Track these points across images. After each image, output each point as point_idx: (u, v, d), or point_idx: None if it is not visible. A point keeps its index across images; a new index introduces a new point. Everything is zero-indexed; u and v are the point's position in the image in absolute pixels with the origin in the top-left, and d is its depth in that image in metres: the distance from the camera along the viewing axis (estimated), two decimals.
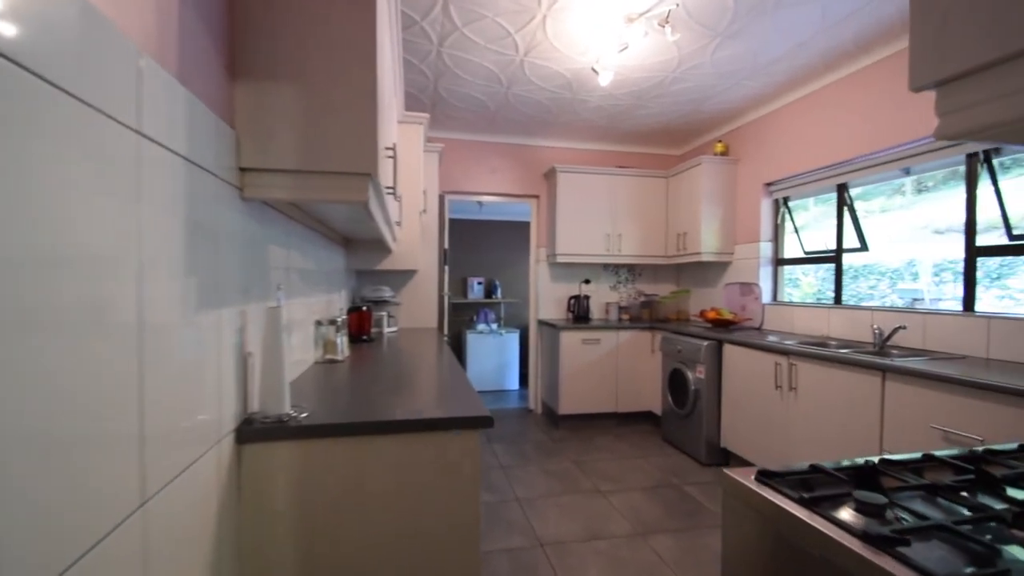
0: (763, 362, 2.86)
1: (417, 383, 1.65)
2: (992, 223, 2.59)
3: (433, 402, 1.41)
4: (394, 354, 2.35)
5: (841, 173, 3.13)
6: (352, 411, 1.26)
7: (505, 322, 7.09)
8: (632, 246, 4.40)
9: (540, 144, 4.56)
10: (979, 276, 2.80)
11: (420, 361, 2.14)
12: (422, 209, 3.29)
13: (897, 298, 2.99)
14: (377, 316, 3.25)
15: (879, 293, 3.11)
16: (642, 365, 4.15)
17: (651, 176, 4.43)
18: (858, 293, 3.35)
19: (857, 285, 3.39)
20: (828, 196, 3.32)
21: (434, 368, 1.97)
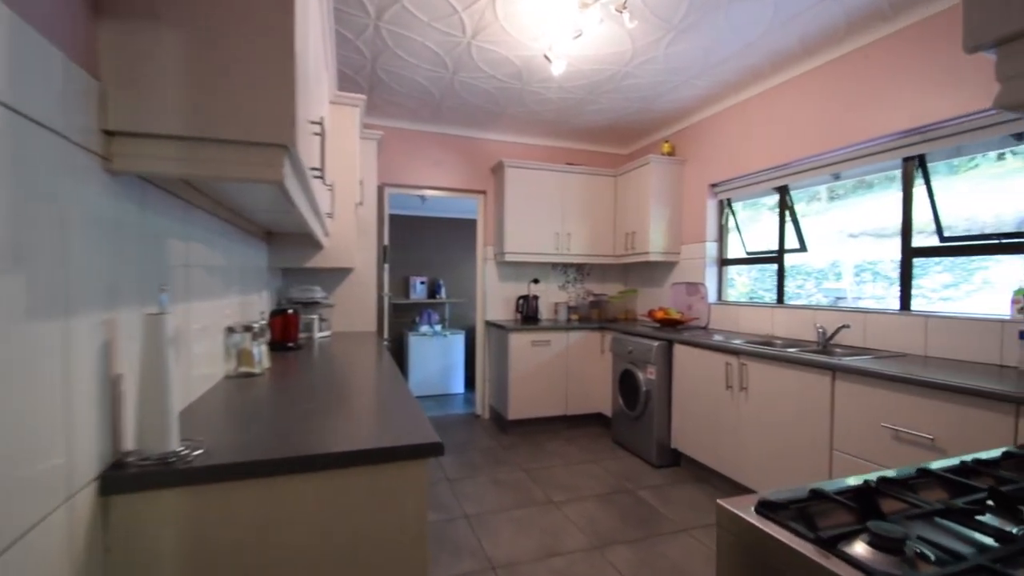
0: (714, 362, 2.83)
1: (349, 400, 1.41)
2: (920, 226, 2.72)
3: (369, 426, 1.18)
4: (324, 363, 2.08)
5: (783, 175, 3.18)
6: (264, 442, 1.01)
7: (450, 323, 6.84)
8: (581, 245, 4.31)
9: (487, 137, 4.37)
10: (894, 276, 2.98)
11: (354, 371, 1.89)
12: (358, 201, 3.00)
13: (822, 297, 3.15)
14: (306, 319, 2.93)
15: (806, 292, 3.24)
16: (592, 366, 4.07)
17: (600, 175, 4.36)
18: (786, 292, 3.46)
19: (786, 285, 3.50)
20: (771, 197, 3.37)
21: (371, 380, 1.73)
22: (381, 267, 3.50)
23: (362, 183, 3.15)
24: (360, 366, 2.01)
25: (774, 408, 2.43)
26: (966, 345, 2.14)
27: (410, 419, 1.20)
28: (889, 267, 2.98)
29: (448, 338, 6.20)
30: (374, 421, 1.22)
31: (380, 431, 1.13)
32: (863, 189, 3.00)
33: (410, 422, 1.18)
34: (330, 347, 2.63)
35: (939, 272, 2.57)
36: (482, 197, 4.46)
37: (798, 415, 2.30)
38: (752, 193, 3.48)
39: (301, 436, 1.06)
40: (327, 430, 1.11)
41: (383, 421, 1.22)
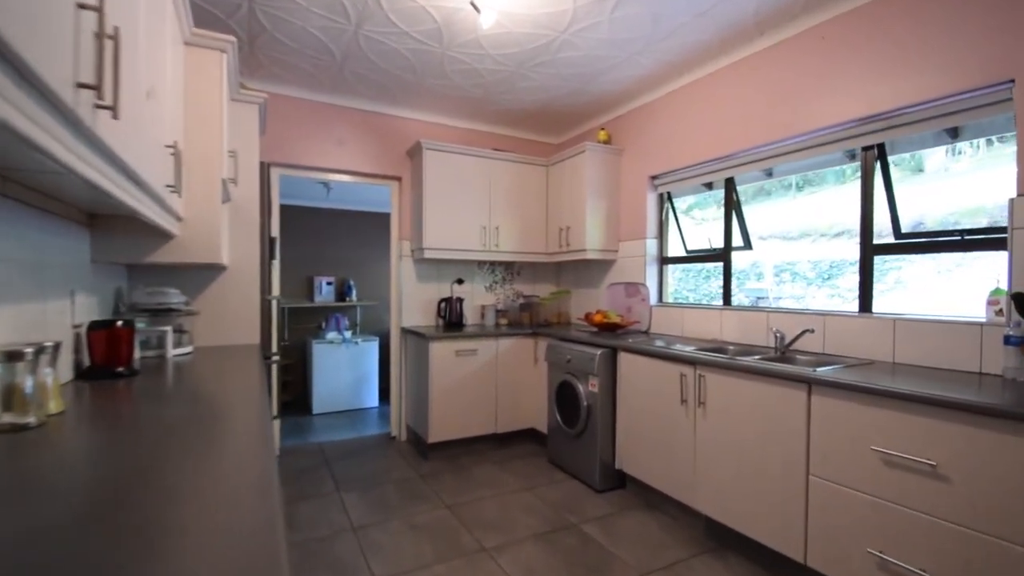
0: (666, 372, 2.49)
1: (175, 491, 0.81)
2: (844, 226, 2.64)
3: (196, 554, 0.60)
4: (160, 402, 1.41)
5: (727, 167, 2.94)
6: None
7: (362, 328, 6.10)
8: (511, 241, 3.86)
9: (402, 115, 3.77)
10: (811, 276, 2.93)
11: (206, 418, 1.26)
12: (228, 177, 2.30)
13: (744, 296, 3.06)
14: (153, 333, 2.19)
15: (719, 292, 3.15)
16: (525, 377, 3.63)
17: (531, 163, 3.94)
18: (709, 292, 3.31)
19: (708, 285, 3.34)
20: (713, 192, 3.14)
21: (227, 436, 1.12)
22: (267, 264, 2.80)
23: (234, 155, 2.44)
24: (218, 406, 1.38)
25: (738, 426, 2.12)
26: (939, 350, 1.96)
27: (250, 536, 0.64)
28: (806, 267, 2.92)
29: (360, 346, 5.49)
30: (208, 541, 0.64)
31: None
32: (784, 189, 2.95)
33: (246, 547, 0.62)
34: (186, 370, 1.94)
35: (854, 272, 2.50)
36: (396, 184, 3.85)
37: (767, 435, 2.01)
38: (695, 187, 3.23)
39: None
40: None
41: (222, 542, 0.64)
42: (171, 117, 1.67)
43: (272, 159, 3.35)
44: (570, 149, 3.69)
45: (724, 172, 2.97)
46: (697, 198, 3.37)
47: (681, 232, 3.41)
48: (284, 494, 2.83)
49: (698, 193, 3.33)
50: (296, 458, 3.42)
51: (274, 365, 2.87)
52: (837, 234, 2.73)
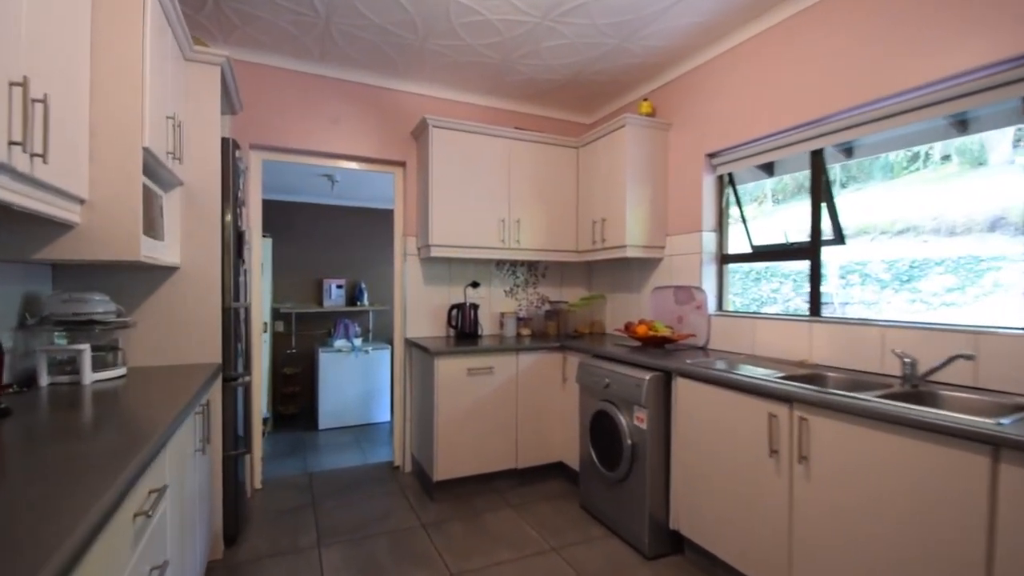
0: (746, 410, 1.83)
1: None
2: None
3: None
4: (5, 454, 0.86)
5: (818, 135, 2.25)
6: None
7: (375, 335, 5.61)
8: (534, 237, 3.24)
9: (406, 89, 3.21)
10: (886, 278, 2.22)
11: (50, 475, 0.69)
12: (169, 151, 1.77)
13: (803, 302, 2.43)
14: (62, 352, 1.67)
15: (783, 297, 2.56)
16: (551, 401, 3.00)
17: (559, 144, 3.32)
18: (760, 297, 2.64)
19: (759, 288, 2.67)
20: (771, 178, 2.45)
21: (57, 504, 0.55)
22: (230, 266, 2.27)
23: (176, 124, 1.90)
24: (83, 455, 0.82)
25: (865, 499, 1.45)
26: None
27: None
28: (880, 268, 2.21)
29: (370, 355, 5.01)
30: None
31: None
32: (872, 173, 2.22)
33: None
34: (97, 402, 1.41)
35: (940, 273, 1.96)
36: (400, 171, 3.29)
37: (914, 516, 1.33)
38: (752, 171, 2.54)
39: None
40: None
41: None
42: (32, 40, 1.13)
43: (252, 140, 2.84)
44: (606, 124, 3.05)
45: (806, 144, 2.29)
46: (757, 185, 2.67)
47: (746, 223, 2.72)
48: (250, 548, 2.29)
49: (757, 180, 2.64)
50: (279, 494, 2.89)
51: (239, 388, 2.33)
52: (934, 230, 2.02)
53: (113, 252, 1.54)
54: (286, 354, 5.19)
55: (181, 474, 1.48)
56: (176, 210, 2.11)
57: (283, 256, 5.18)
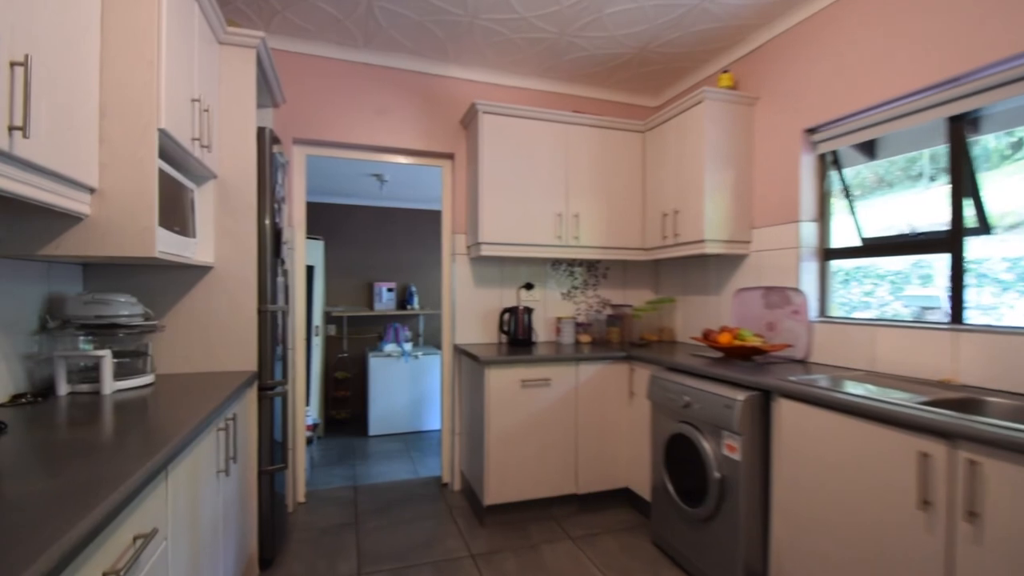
0: (882, 444, 1.41)
1: None
2: None
3: None
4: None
5: (958, 97, 1.78)
6: None
7: (426, 339, 5.46)
8: (595, 233, 2.91)
9: (454, 75, 2.97)
10: (1009, 279, 1.69)
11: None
12: (195, 137, 1.60)
13: (902, 306, 2.09)
14: (88, 359, 1.53)
15: (878, 301, 2.19)
16: (615, 418, 2.65)
17: (622, 128, 2.97)
18: (848, 300, 2.16)
19: (848, 291, 2.20)
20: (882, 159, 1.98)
21: None
22: (267, 266, 2.10)
23: (207, 111, 1.74)
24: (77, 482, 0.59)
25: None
26: None
27: None
28: (1000, 266, 1.70)
29: (420, 360, 4.84)
30: None
31: None
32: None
33: None
34: (116, 414, 1.24)
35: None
36: (448, 164, 3.06)
37: None
38: (889, 135, 2.08)
39: None
40: None
41: None
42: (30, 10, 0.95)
43: (295, 135, 2.69)
44: (679, 102, 2.66)
45: (943, 108, 1.82)
46: (853, 170, 2.20)
47: (854, 211, 2.26)
48: (285, 574, 2.09)
49: (856, 164, 2.17)
50: (322, 510, 2.71)
51: (277, 398, 2.15)
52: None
53: (125, 247, 1.37)
54: (337, 358, 5.12)
55: (193, 504, 1.28)
56: (210, 205, 1.96)
57: (335, 259, 5.13)
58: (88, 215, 1.33)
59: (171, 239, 1.56)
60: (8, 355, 1.42)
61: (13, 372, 1.44)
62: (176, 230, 1.62)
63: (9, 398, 1.41)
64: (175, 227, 1.61)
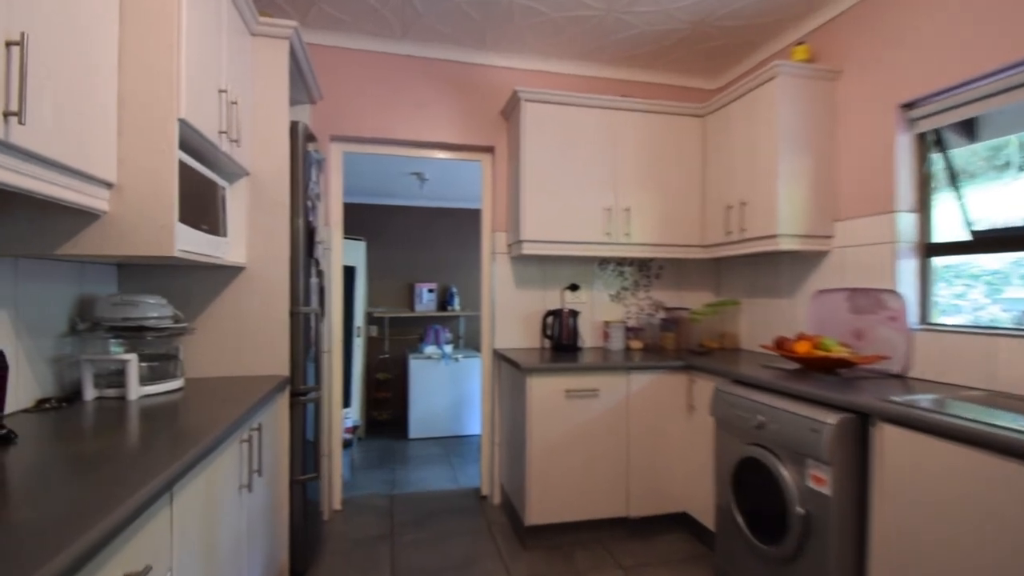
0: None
1: None
2: None
3: None
4: None
5: None
6: None
7: (466, 342, 5.34)
8: (647, 229, 2.66)
9: (493, 63, 2.80)
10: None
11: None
12: (222, 130, 1.50)
13: (1000, 311, 1.81)
14: (114, 363, 1.47)
15: (971, 304, 1.90)
16: (672, 434, 2.40)
17: (678, 113, 2.70)
18: (935, 304, 1.81)
19: (935, 293, 1.84)
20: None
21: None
22: (300, 267, 2.00)
23: (236, 103, 1.64)
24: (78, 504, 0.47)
25: None
26: None
27: None
28: None
29: (460, 363, 4.73)
30: None
31: None
32: None
33: None
34: (142, 419, 1.15)
35: None
36: (488, 158, 2.89)
37: None
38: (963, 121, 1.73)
39: None
40: None
41: None
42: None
43: (332, 131, 2.61)
44: (747, 79, 2.38)
45: None
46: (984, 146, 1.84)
47: (960, 198, 1.91)
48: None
49: (960, 146, 1.82)
50: (358, 519, 2.60)
51: (310, 404, 2.05)
52: None
53: (143, 246, 1.27)
54: (379, 359, 5.09)
55: (209, 525, 1.17)
56: (242, 204, 1.88)
57: (376, 260, 5.10)
58: (106, 212, 1.25)
59: (197, 238, 1.47)
60: (34, 358, 1.36)
61: (40, 376, 1.39)
62: (204, 229, 1.53)
63: (34, 403, 1.35)
64: (202, 225, 1.52)
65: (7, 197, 1.12)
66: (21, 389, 1.31)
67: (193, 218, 1.46)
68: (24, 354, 1.32)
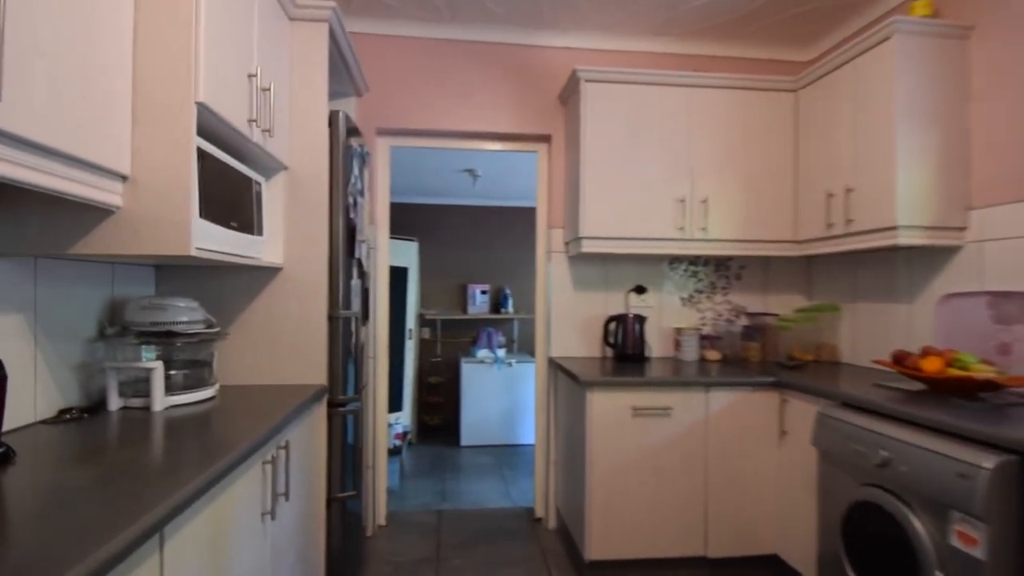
0: None
1: None
2: None
3: None
4: None
5: None
6: None
7: (520, 346, 5.14)
8: (727, 223, 2.32)
9: (551, 44, 2.56)
10: None
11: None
12: (252, 118, 1.37)
13: None
14: (140, 371, 1.37)
15: None
16: (759, 462, 2.05)
17: (765, 88, 2.34)
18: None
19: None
20: None
21: None
22: (340, 267, 1.86)
23: (268, 91, 1.51)
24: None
25: None
26: None
27: None
28: None
29: (514, 368, 4.54)
30: None
31: None
32: None
33: None
34: (142, 445, 1.02)
35: None
36: (544, 148, 2.65)
37: None
38: None
39: None
40: None
41: None
42: None
43: (379, 124, 2.47)
44: (853, 43, 1.99)
45: None
46: None
47: None
48: None
49: None
50: (402, 537, 2.45)
51: (349, 416, 1.90)
52: None
53: (155, 244, 1.14)
54: (431, 362, 4.98)
55: (219, 563, 1.01)
56: (279, 200, 1.76)
57: (429, 260, 5.00)
58: (120, 208, 1.13)
59: (223, 236, 1.34)
60: (56, 365, 1.28)
61: (63, 384, 1.30)
62: (234, 226, 1.41)
63: (56, 413, 1.26)
64: (231, 223, 1.40)
65: (12, 194, 1.02)
66: (41, 398, 1.23)
67: (222, 215, 1.33)
68: (44, 361, 1.23)
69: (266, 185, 1.70)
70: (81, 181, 1.00)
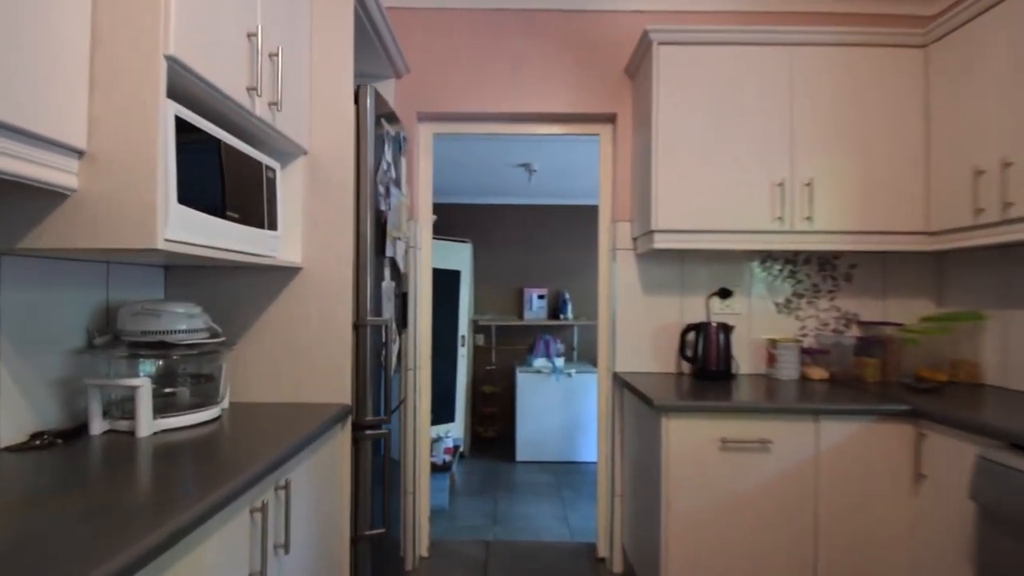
0: None
1: None
2: None
3: None
4: None
5: None
6: None
7: (580, 355, 4.78)
8: (838, 210, 1.85)
9: (614, 7, 2.20)
10: None
11: None
12: (251, 86, 1.14)
13: None
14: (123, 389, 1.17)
15: None
16: (886, 512, 1.58)
17: (885, 44, 1.86)
18: None
19: None
20: None
21: None
22: (368, 268, 1.61)
23: (275, 56, 1.27)
24: None
25: None
26: None
27: None
28: None
29: (574, 379, 4.20)
30: None
31: None
32: None
33: None
34: (109, 492, 0.78)
35: None
36: (607, 129, 2.29)
37: None
38: None
39: None
40: None
41: None
42: None
43: (420, 108, 2.23)
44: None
45: None
46: None
47: None
48: None
49: None
50: (446, 574, 2.17)
51: (380, 440, 1.64)
52: None
53: (117, 236, 0.92)
54: (485, 371, 4.72)
55: None
56: (298, 190, 1.53)
57: (482, 263, 4.76)
58: (75, 190, 0.91)
59: (217, 228, 1.11)
60: (30, 381, 1.09)
61: (38, 403, 1.12)
62: (232, 217, 1.18)
63: (26, 438, 1.07)
64: (229, 213, 1.17)
65: None
66: (8, 420, 1.04)
67: (214, 202, 1.11)
68: (11, 377, 1.05)
69: (282, 173, 1.48)
70: (24, 157, 0.80)
